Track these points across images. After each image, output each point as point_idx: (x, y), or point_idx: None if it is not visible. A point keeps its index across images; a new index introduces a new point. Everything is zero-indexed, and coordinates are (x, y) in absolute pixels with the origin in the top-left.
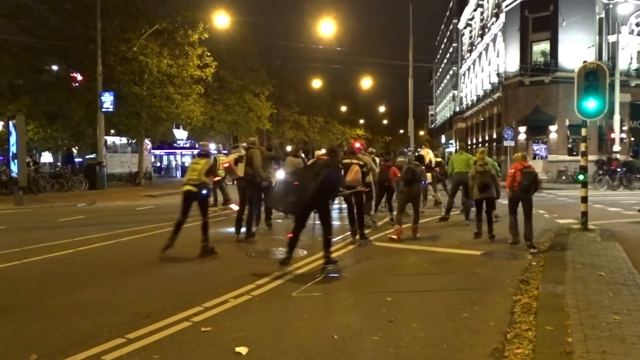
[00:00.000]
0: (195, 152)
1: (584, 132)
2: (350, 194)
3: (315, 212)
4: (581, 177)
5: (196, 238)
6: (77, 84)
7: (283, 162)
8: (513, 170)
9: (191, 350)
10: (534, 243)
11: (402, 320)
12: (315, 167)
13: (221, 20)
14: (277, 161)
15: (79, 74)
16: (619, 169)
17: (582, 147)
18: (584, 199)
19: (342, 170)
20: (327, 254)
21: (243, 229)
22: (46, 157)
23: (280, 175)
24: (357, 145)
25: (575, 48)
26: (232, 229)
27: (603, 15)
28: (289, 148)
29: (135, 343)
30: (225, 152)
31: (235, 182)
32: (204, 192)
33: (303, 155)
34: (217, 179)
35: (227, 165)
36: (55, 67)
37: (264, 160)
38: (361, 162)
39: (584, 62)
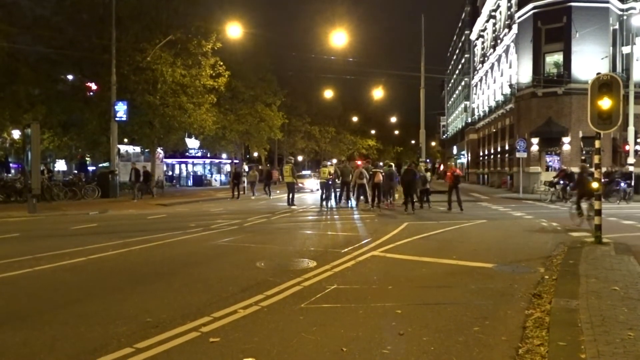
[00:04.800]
0: (208, 161)
1: (597, 144)
2: (377, 185)
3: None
4: (595, 184)
5: (203, 248)
6: (91, 94)
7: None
8: (450, 173)
9: None
10: (462, 207)
11: (412, 333)
12: (409, 172)
13: (234, 30)
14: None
15: (93, 83)
16: (561, 181)
17: (596, 159)
18: (598, 212)
19: (371, 176)
20: (412, 209)
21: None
22: (60, 166)
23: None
24: (359, 162)
25: (588, 59)
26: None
27: (617, 26)
28: (300, 158)
29: (144, 353)
30: (237, 161)
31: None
32: (330, 182)
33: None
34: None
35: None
36: (70, 77)
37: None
38: (382, 172)
39: (598, 73)
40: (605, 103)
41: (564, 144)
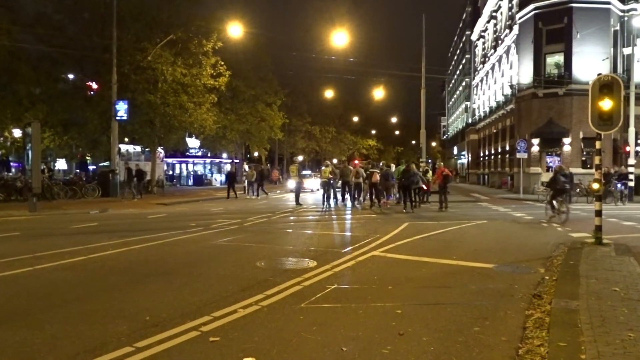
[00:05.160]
0: (208, 160)
1: (598, 145)
2: (374, 185)
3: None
4: (595, 185)
5: (203, 247)
6: (92, 93)
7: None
8: (437, 174)
9: None
10: (448, 204)
11: (412, 333)
12: (410, 172)
13: (235, 30)
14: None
15: (94, 82)
16: None
17: (597, 160)
18: (598, 213)
19: (368, 176)
20: (410, 208)
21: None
22: (61, 165)
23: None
24: (356, 162)
25: (589, 60)
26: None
27: (618, 27)
28: (300, 158)
29: (144, 352)
30: (237, 161)
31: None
32: (331, 181)
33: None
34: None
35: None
36: (71, 76)
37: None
38: (378, 171)
39: (599, 74)
40: (606, 104)
41: (565, 144)
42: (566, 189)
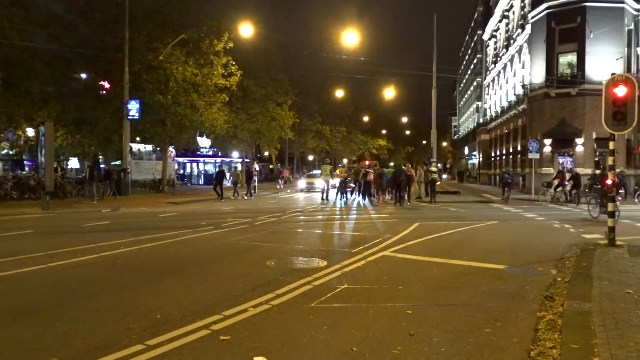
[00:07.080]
0: (219, 160)
1: (611, 145)
2: (368, 184)
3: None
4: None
5: (214, 246)
6: (104, 92)
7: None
8: (416, 172)
9: (209, 358)
10: (402, 202)
11: (423, 334)
12: (398, 172)
13: (246, 30)
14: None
15: (106, 82)
16: (565, 182)
17: (610, 160)
18: (612, 214)
19: (363, 175)
20: (402, 202)
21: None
22: (73, 163)
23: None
24: (367, 162)
25: (602, 60)
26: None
27: (632, 26)
28: (310, 158)
29: (155, 350)
30: (248, 160)
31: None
32: (347, 180)
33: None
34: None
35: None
36: (83, 75)
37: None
38: (372, 171)
39: (612, 74)
40: (620, 104)
41: (577, 145)
42: (509, 183)
